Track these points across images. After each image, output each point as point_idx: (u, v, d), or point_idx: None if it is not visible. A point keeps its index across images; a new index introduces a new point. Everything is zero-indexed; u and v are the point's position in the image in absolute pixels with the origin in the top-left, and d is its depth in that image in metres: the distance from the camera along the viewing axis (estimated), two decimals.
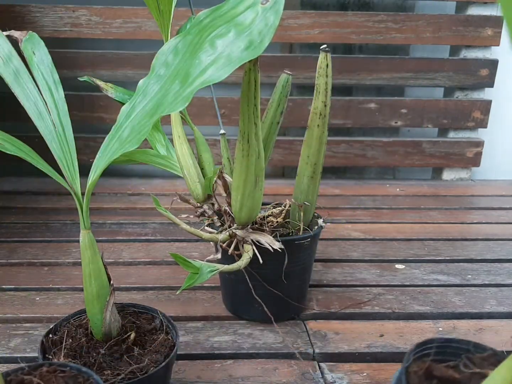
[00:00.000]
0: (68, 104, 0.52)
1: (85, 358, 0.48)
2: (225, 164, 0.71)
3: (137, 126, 0.44)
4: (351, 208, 1.17)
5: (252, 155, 0.56)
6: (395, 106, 1.37)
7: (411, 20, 1.32)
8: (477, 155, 1.42)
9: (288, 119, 1.33)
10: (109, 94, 0.71)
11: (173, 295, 0.77)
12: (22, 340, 0.65)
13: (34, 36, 0.54)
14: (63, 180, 0.48)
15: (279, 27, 0.40)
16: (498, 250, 0.95)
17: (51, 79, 0.52)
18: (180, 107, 0.41)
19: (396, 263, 0.89)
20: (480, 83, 1.38)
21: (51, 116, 0.51)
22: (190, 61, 0.42)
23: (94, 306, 0.50)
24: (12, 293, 0.77)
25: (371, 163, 1.40)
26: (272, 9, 0.40)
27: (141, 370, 0.47)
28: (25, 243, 0.94)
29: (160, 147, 0.75)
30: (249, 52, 0.40)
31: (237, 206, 0.61)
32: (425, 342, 0.32)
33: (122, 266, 0.87)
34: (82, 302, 0.74)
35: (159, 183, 1.32)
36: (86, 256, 0.49)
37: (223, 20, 0.42)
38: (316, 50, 0.64)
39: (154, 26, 1.26)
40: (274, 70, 1.30)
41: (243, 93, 0.52)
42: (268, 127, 0.69)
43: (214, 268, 0.57)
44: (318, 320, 0.72)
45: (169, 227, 1.02)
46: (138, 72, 1.30)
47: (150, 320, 0.55)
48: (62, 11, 1.25)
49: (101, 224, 1.04)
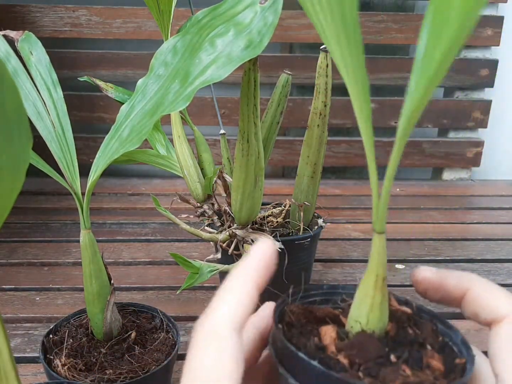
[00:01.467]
0: (68, 104, 0.52)
1: (87, 357, 0.49)
2: (225, 164, 0.71)
3: (138, 125, 0.44)
4: (351, 208, 1.17)
5: (251, 155, 0.56)
6: (395, 106, 1.37)
7: (411, 20, 1.32)
8: (477, 155, 1.42)
9: (288, 119, 1.33)
10: (109, 94, 0.71)
11: (173, 295, 0.77)
12: (22, 340, 0.65)
13: (31, 36, 0.53)
14: (63, 180, 0.48)
15: (279, 27, 0.40)
16: (498, 250, 0.95)
17: (49, 79, 0.52)
18: (181, 107, 0.41)
19: (396, 263, 0.89)
20: (480, 83, 1.38)
21: (50, 116, 0.51)
22: (190, 60, 0.42)
23: (95, 306, 0.50)
24: (12, 293, 0.77)
25: None
26: (271, 8, 0.40)
27: (142, 369, 0.47)
28: (25, 243, 0.94)
29: (160, 147, 0.75)
30: (249, 51, 0.40)
31: (237, 206, 0.61)
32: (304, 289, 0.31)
33: (122, 266, 0.87)
34: (82, 302, 0.74)
35: (159, 183, 1.32)
36: (86, 256, 0.49)
37: (222, 19, 0.42)
38: (316, 50, 0.64)
39: (154, 26, 1.26)
40: (274, 70, 1.30)
41: (243, 93, 0.52)
42: (268, 127, 0.69)
43: (214, 268, 0.57)
44: None
45: (169, 227, 1.02)
46: (138, 72, 1.30)
47: (150, 319, 0.55)
48: (62, 11, 1.25)
49: (101, 224, 1.04)
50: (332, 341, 0.26)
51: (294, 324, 0.28)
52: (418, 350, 0.26)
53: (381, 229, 0.26)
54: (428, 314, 0.30)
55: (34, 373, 0.60)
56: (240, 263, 0.26)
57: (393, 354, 0.25)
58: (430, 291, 0.30)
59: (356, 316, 0.27)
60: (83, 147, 1.29)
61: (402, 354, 0.26)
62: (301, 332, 0.27)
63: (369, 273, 0.27)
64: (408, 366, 0.24)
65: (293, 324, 0.28)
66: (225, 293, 0.25)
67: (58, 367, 0.47)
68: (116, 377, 0.46)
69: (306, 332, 0.27)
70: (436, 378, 0.24)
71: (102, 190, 1.23)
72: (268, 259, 0.26)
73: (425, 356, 0.26)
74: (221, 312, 0.24)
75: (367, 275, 0.27)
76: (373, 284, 0.27)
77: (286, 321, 0.28)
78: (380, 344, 0.26)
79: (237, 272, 0.26)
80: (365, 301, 0.27)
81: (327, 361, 0.24)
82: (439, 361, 0.25)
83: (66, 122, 0.51)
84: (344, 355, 0.25)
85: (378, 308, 0.27)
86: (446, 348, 0.27)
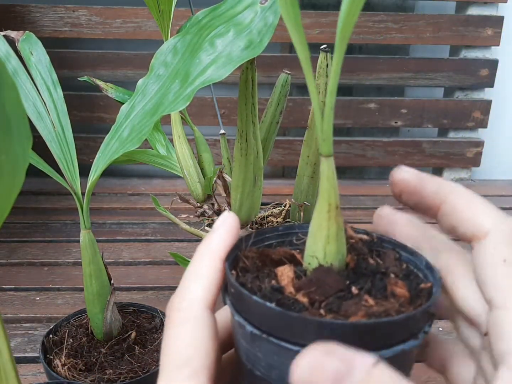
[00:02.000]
0: (68, 104, 0.52)
1: (87, 357, 0.49)
2: (225, 164, 0.71)
3: (138, 125, 0.44)
4: (351, 208, 1.17)
5: (250, 154, 0.56)
6: (395, 106, 1.37)
7: (411, 20, 1.32)
8: (477, 155, 1.42)
9: (288, 119, 1.33)
10: (109, 94, 0.71)
11: (173, 295, 0.77)
12: (22, 340, 0.65)
13: (31, 36, 0.53)
14: (63, 180, 0.48)
15: (279, 27, 0.40)
16: None
17: (49, 79, 0.52)
18: (181, 107, 0.41)
19: None
20: (480, 83, 1.38)
21: (50, 116, 0.51)
22: (190, 60, 0.42)
23: (95, 306, 0.50)
24: (12, 293, 0.77)
25: (371, 163, 1.40)
26: (271, 9, 0.40)
27: (142, 369, 0.47)
28: (25, 243, 0.94)
29: (160, 147, 0.75)
30: (249, 51, 0.40)
31: (236, 205, 0.61)
32: (257, 234, 0.29)
33: (122, 266, 0.87)
34: (82, 302, 0.74)
35: (159, 183, 1.32)
36: (86, 256, 0.49)
37: (222, 20, 0.42)
38: (316, 50, 0.64)
39: (154, 26, 1.26)
40: (274, 70, 1.30)
41: (241, 92, 0.52)
42: (267, 127, 0.69)
43: None
44: None
45: (169, 227, 1.02)
46: (138, 72, 1.30)
47: (150, 319, 0.55)
48: (62, 11, 1.25)
49: (101, 224, 1.04)
50: (290, 281, 0.24)
51: (249, 269, 0.26)
52: (381, 279, 0.25)
53: (328, 151, 0.24)
54: (390, 244, 0.28)
55: (34, 373, 0.60)
56: (206, 238, 0.26)
57: (354, 286, 0.24)
58: (405, 194, 0.27)
59: (313, 251, 0.25)
60: (83, 147, 1.29)
61: (364, 285, 0.24)
62: (257, 276, 0.25)
63: (320, 203, 0.25)
64: (371, 297, 0.23)
65: (247, 269, 0.26)
66: (195, 271, 0.25)
67: (58, 367, 0.47)
68: (116, 377, 0.46)
69: (263, 276, 0.25)
70: (401, 305, 0.23)
71: (102, 190, 1.23)
72: (231, 230, 0.26)
73: (389, 284, 0.24)
74: (193, 291, 0.24)
75: (319, 205, 0.25)
76: (326, 214, 0.25)
77: (240, 267, 0.26)
78: (339, 277, 0.24)
79: (204, 248, 0.26)
80: (320, 233, 0.25)
81: (286, 302, 0.23)
82: (403, 288, 0.24)
83: (66, 122, 0.51)
84: (303, 293, 0.23)
85: (334, 239, 0.25)
86: (411, 275, 0.26)
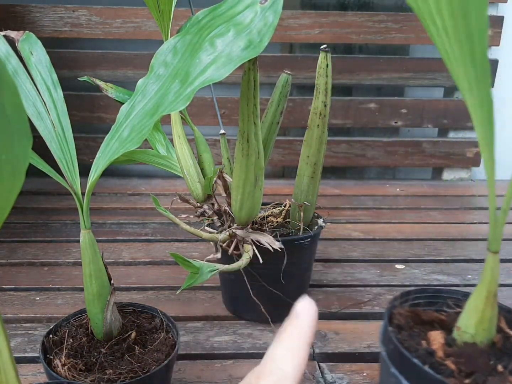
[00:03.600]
0: (68, 104, 0.52)
1: (87, 358, 0.49)
2: (225, 164, 0.71)
3: (138, 125, 0.44)
4: (351, 208, 1.17)
5: (251, 155, 0.56)
6: (395, 106, 1.37)
7: (411, 20, 1.31)
8: (477, 155, 1.41)
9: (288, 119, 1.33)
10: (109, 94, 0.71)
11: (173, 295, 0.77)
12: (22, 340, 0.65)
13: (31, 36, 0.53)
14: (63, 180, 0.48)
15: (279, 27, 0.40)
16: None
17: (49, 79, 0.52)
18: (181, 107, 0.41)
19: (396, 263, 0.89)
20: None
21: (50, 116, 0.51)
22: (190, 60, 0.42)
23: (95, 306, 0.50)
24: (12, 293, 0.77)
25: (371, 163, 1.40)
26: (271, 9, 0.40)
27: (142, 369, 0.47)
28: (25, 243, 0.94)
29: (160, 147, 0.75)
30: (249, 51, 0.40)
31: (237, 205, 0.61)
32: (409, 292, 0.35)
33: (122, 266, 0.87)
34: (82, 302, 0.74)
35: (159, 183, 1.32)
36: (86, 256, 0.49)
37: (222, 20, 0.42)
38: (316, 50, 0.64)
39: (154, 26, 1.26)
40: (274, 70, 1.30)
41: (243, 93, 0.52)
42: (268, 127, 0.69)
43: (214, 268, 0.57)
44: (318, 320, 0.71)
45: (169, 227, 1.02)
46: (138, 72, 1.30)
47: (150, 319, 0.55)
48: (62, 11, 1.25)
49: (101, 224, 1.04)
50: (440, 347, 0.29)
51: (403, 326, 0.31)
52: None
53: (497, 249, 0.29)
54: None
55: (34, 373, 0.60)
56: (293, 323, 0.29)
57: (500, 364, 0.27)
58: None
59: (465, 326, 0.30)
60: (83, 147, 1.29)
61: (508, 364, 0.27)
62: (410, 335, 0.30)
63: (481, 287, 0.29)
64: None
65: (402, 326, 0.31)
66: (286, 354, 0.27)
67: (58, 367, 0.47)
68: (116, 377, 0.46)
69: (415, 335, 0.30)
70: None
71: (102, 190, 1.23)
72: (314, 320, 0.29)
73: None
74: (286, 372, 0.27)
75: (479, 289, 0.29)
76: (484, 299, 0.29)
77: (396, 324, 0.31)
78: (487, 355, 0.28)
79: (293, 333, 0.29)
80: (475, 313, 0.29)
81: (437, 366, 0.27)
82: None
83: (66, 122, 0.51)
84: (452, 361, 0.27)
85: (487, 321, 0.29)
86: None
